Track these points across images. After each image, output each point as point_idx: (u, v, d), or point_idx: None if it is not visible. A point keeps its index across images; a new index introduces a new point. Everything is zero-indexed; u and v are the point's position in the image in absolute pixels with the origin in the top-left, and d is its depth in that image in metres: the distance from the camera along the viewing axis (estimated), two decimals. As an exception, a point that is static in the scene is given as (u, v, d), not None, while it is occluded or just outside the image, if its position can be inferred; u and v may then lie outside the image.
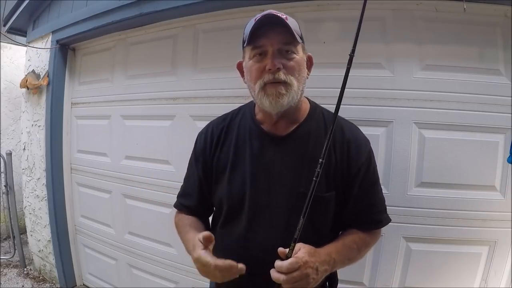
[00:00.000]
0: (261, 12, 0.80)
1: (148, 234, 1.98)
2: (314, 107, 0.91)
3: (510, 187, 1.31)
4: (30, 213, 2.66)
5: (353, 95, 1.35)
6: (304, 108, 0.89)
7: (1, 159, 2.89)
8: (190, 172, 0.98)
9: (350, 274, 1.40)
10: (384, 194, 0.93)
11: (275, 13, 0.78)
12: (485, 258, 1.35)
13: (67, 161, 2.42)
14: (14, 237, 2.87)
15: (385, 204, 0.92)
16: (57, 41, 2.29)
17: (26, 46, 2.65)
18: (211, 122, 0.97)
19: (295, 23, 0.81)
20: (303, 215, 0.70)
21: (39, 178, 2.49)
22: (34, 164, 2.53)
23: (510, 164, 1.23)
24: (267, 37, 0.77)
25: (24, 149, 2.66)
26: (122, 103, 2.10)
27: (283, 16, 0.78)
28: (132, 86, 2.04)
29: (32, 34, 2.56)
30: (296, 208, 0.74)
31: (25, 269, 2.81)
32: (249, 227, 0.85)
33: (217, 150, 0.91)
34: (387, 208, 0.93)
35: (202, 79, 1.75)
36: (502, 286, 1.33)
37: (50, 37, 2.34)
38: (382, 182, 0.99)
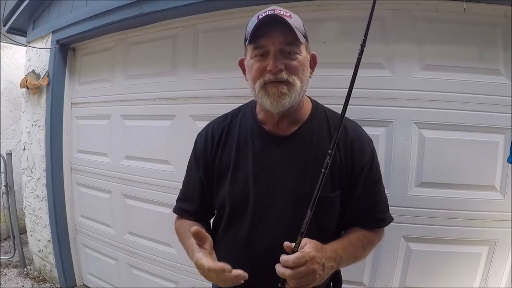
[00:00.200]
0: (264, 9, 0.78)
1: (148, 234, 1.98)
2: (316, 106, 0.90)
3: (510, 187, 1.31)
4: (30, 213, 2.66)
5: (353, 95, 1.32)
6: (306, 107, 0.88)
7: (1, 159, 2.89)
8: (190, 175, 0.95)
9: (350, 274, 1.40)
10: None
11: (279, 10, 0.76)
12: (485, 258, 1.35)
13: (67, 161, 2.42)
14: (14, 237, 2.87)
15: (387, 203, 0.92)
16: (57, 41, 2.29)
17: (26, 46, 2.65)
18: (211, 122, 0.95)
19: (299, 21, 0.79)
20: (311, 208, 0.68)
21: (39, 178, 2.49)
22: (34, 164, 2.53)
23: (510, 164, 1.23)
24: (269, 37, 0.74)
25: (24, 149, 2.66)
26: (122, 103, 2.10)
27: (287, 14, 0.76)
28: (132, 86, 2.04)
29: (32, 34, 2.56)
30: (300, 208, 0.73)
31: (25, 269, 2.81)
32: (252, 228, 0.84)
33: (218, 150, 0.89)
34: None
35: (202, 79, 1.75)
36: (502, 286, 1.33)
37: (50, 37, 2.34)
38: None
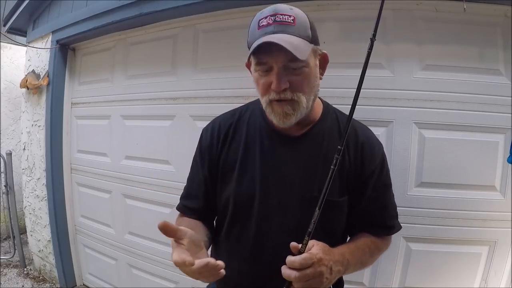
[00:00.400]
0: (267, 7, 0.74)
1: (148, 234, 1.98)
2: (327, 107, 0.88)
3: (510, 187, 1.31)
4: (30, 213, 2.66)
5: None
6: (317, 108, 0.85)
7: (1, 159, 2.89)
8: (195, 171, 0.91)
9: (350, 274, 1.39)
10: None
11: (281, 15, 0.70)
12: (485, 258, 1.35)
13: (67, 161, 2.42)
14: (14, 237, 2.87)
15: (396, 211, 0.90)
16: (57, 41, 2.29)
17: (26, 46, 2.65)
18: (218, 118, 0.92)
19: (305, 24, 0.73)
20: (319, 206, 0.65)
21: (39, 178, 2.49)
22: (34, 164, 2.53)
23: (510, 164, 1.23)
24: (271, 55, 0.70)
25: (24, 149, 2.66)
26: (122, 103, 2.10)
27: (290, 19, 0.70)
28: (132, 86, 2.04)
29: (32, 34, 2.56)
30: (308, 212, 0.70)
31: (25, 269, 2.81)
32: (258, 230, 0.81)
33: (224, 146, 0.86)
34: None
35: (202, 79, 1.75)
36: (502, 286, 1.33)
37: (50, 37, 2.34)
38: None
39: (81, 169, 2.37)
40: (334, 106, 0.91)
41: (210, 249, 0.90)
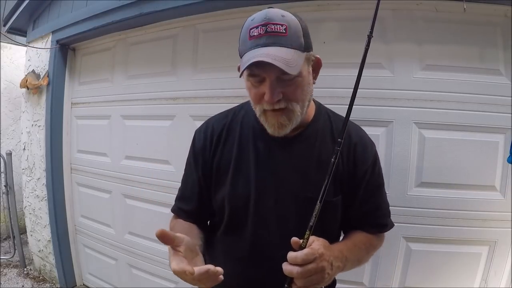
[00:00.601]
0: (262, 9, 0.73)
1: (148, 234, 1.98)
2: (319, 107, 0.88)
3: (510, 187, 1.31)
4: (30, 213, 2.66)
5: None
6: (310, 109, 0.84)
7: (1, 159, 2.89)
8: (188, 173, 0.91)
9: (350, 274, 1.39)
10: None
11: (272, 25, 0.67)
12: (485, 258, 1.35)
13: (67, 161, 2.42)
14: (14, 237, 2.87)
15: (389, 209, 0.91)
16: (57, 41, 2.29)
17: (26, 46, 2.65)
18: (211, 119, 0.92)
19: (297, 34, 0.70)
20: (320, 200, 0.65)
21: (39, 178, 2.49)
22: (34, 164, 2.53)
23: (510, 164, 1.23)
24: (264, 69, 0.68)
25: (24, 149, 2.66)
26: (122, 103, 2.10)
27: (282, 28, 0.67)
28: (132, 86, 2.04)
29: (32, 34, 2.56)
30: (304, 211, 0.71)
31: (25, 269, 2.81)
32: (254, 231, 0.82)
33: (218, 148, 0.86)
34: None
35: (202, 79, 1.75)
36: (502, 286, 1.33)
37: (50, 37, 2.34)
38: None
39: (81, 169, 2.37)
40: (334, 106, 0.92)
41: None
